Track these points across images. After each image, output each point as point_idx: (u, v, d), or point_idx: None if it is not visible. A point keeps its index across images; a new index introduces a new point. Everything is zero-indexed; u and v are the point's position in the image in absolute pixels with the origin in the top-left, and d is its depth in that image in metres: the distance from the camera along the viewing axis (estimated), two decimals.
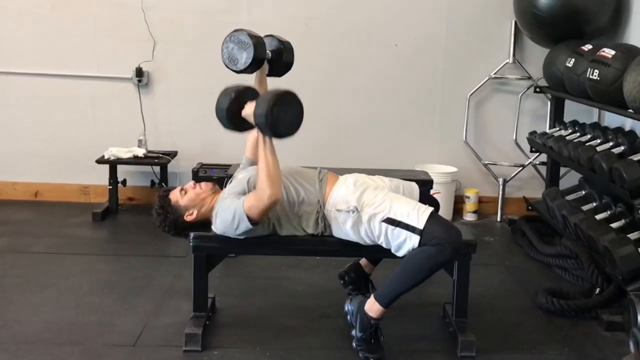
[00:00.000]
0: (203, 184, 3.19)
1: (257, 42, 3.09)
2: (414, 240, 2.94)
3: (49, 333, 3.21)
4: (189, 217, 3.13)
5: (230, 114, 2.96)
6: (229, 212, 2.99)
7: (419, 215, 2.95)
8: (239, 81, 3.11)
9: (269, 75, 3.31)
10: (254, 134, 3.11)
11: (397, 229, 2.97)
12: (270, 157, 2.91)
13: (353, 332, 3.06)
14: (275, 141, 2.97)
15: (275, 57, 3.27)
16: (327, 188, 3.12)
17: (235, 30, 3.12)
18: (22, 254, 4.30)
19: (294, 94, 2.90)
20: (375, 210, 3.01)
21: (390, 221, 2.98)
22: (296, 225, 3.10)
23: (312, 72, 5.18)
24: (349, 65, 5.36)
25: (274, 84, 3.23)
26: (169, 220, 3.14)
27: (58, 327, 3.27)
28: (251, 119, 2.90)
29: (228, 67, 3.16)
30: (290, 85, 3.02)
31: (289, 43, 3.33)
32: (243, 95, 2.98)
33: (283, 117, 2.85)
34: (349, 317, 3.11)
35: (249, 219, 2.94)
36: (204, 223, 3.13)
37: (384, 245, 3.03)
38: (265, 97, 2.86)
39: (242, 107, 2.96)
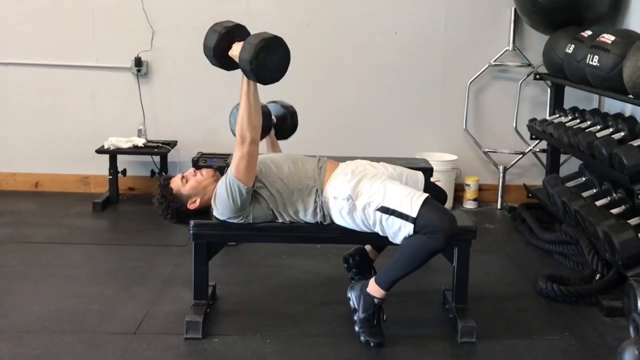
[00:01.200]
0: (204, 170, 3.19)
1: (264, 112, 3.12)
2: (408, 228, 2.94)
3: (50, 322, 3.22)
4: (192, 206, 3.13)
5: (218, 53, 2.93)
6: (222, 187, 3.00)
7: (412, 203, 2.94)
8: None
9: (276, 137, 3.45)
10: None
11: (391, 217, 2.97)
12: (253, 101, 2.90)
13: (355, 317, 3.07)
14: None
15: (280, 122, 3.34)
16: (325, 176, 3.12)
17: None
18: (22, 244, 4.31)
19: (281, 39, 2.86)
20: (369, 199, 3.01)
21: (384, 210, 2.98)
22: (293, 214, 3.10)
23: (312, 61, 5.18)
24: (349, 54, 5.34)
25: None
26: (171, 209, 3.14)
27: (59, 316, 3.28)
28: (237, 60, 2.87)
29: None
30: (290, 74, 3.02)
31: (292, 107, 3.44)
32: (232, 33, 2.93)
33: (269, 63, 2.82)
34: (351, 303, 3.12)
35: (240, 180, 2.94)
36: (207, 210, 3.13)
37: (380, 233, 3.04)
38: (251, 41, 2.81)
39: (230, 46, 2.92)
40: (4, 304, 3.42)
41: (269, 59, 2.81)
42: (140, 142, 5.17)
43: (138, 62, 5.28)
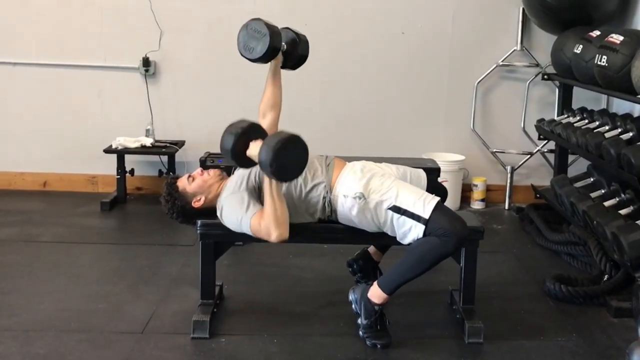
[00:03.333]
0: (211, 170, 3.21)
1: (274, 32, 3.07)
2: (419, 230, 2.94)
3: (58, 321, 3.23)
4: (197, 204, 3.15)
5: (235, 154, 2.94)
6: (235, 219, 3.01)
7: (424, 205, 2.95)
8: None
9: (282, 67, 3.28)
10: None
11: (403, 217, 2.97)
12: (277, 198, 2.90)
13: (359, 321, 3.07)
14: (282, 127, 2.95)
15: (291, 49, 3.26)
16: (334, 173, 3.12)
17: (252, 20, 3.10)
18: (30, 244, 4.32)
19: (298, 137, 2.87)
20: (381, 197, 3.00)
21: (396, 209, 2.98)
22: (303, 212, 3.10)
23: (319, 60, 5.12)
24: (356, 54, 5.34)
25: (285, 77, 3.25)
26: (176, 207, 3.16)
27: (66, 315, 3.29)
28: (256, 160, 2.88)
29: (243, 56, 3.13)
30: (297, 73, 3.02)
31: (304, 36, 3.31)
32: (248, 133, 2.95)
33: (288, 161, 2.83)
34: (353, 305, 3.13)
35: (253, 235, 2.99)
36: (212, 210, 3.13)
37: (389, 232, 3.04)
38: (269, 143, 2.82)
39: (247, 146, 2.93)
40: (12, 303, 3.43)
41: (288, 158, 2.82)
42: (148, 142, 5.18)
43: (146, 62, 5.29)
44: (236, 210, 3.01)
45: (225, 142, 2.95)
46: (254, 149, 2.89)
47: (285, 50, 3.22)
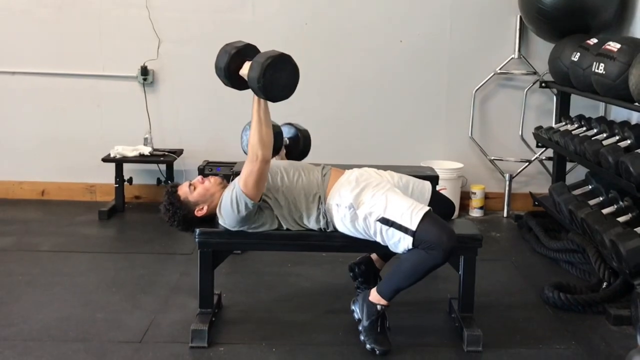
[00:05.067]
0: (212, 178, 3.21)
1: (275, 132, 3.12)
2: (407, 241, 2.94)
3: (56, 330, 3.22)
4: (200, 213, 3.15)
5: (229, 73, 2.93)
6: (228, 198, 3.01)
7: (412, 216, 2.94)
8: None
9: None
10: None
11: (391, 229, 2.97)
12: (264, 118, 2.91)
13: (360, 327, 3.07)
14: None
15: (293, 144, 3.32)
16: (329, 183, 3.13)
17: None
18: (29, 253, 4.31)
19: (289, 56, 2.87)
20: (370, 209, 3.00)
21: (385, 221, 2.98)
22: (297, 219, 3.10)
23: (318, 68, 5.18)
24: (355, 63, 5.35)
25: None
26: (178, 215, 3.15)
27: (65, 324, 3.28)
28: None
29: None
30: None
31: (306, 131, 3.41)
32: (243, 52, 2.93)
33: (276, 81, 2.82)
34: (355, 314, 3.13)
35: (247, 196, 2.95)
36: (213, 217, 3.14)
37: (381, 243, 3.04)
38: (259, 59, 2.82)
39: (242, 65, 2.92)
40: (10, 313, 3.42)
41: (276, 77, 2.82)
42: (147, 150, 5.18)
43: (144, 70, 5.30)
44: (227, 194, 3.02)
45: (219, 60, 2.95)
46: (247, 68, 2.88)
47: (288, 144, 3.29)
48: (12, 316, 3.37)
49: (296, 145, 3.41)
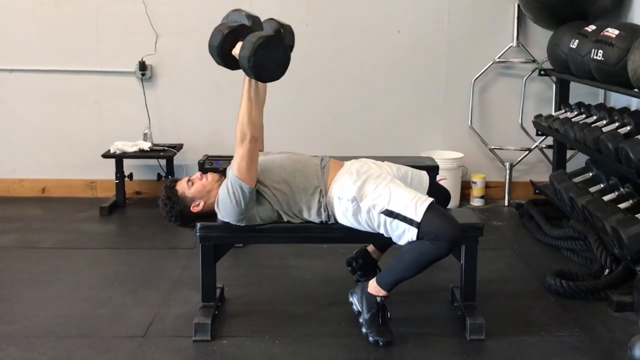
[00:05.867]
0: (210, 174, 3.21)
1: (254, 22, 3.03)
2: (412, 232, 2.94)
3: (59, 326, 3.22)
4: (195, 208, 3.15)
5: (222, 51, 2.92)
6: (224, 189, 3.00)
7: (416, 207, 2.94)
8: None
9: None
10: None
11: (396, 220, 2.97)
12: (254, 99, 2.90)
13: (361, 319, 3.08)
14: (279, 128, 2.95)
15: None
16: (329, 176, 3.12)
17: (233, 11, 3.07)
18: (30, 250, 4.32)
19: (280, 37, 2.86)
20: (374, 202, 3.00)
21: (389, 213, 2.98)
22: (298, 213, 3.10)
23: (315, 60, 5.17)
24: (352, 53, 5.34)
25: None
26: (175, 211, 3.16)
27: (67, 320, 3.29)
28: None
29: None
30: (293, 73, 3.01)
31: (289, 26, 3.29)
32: (236, 32, 2.92)
33: (267, 61, 2.81)
34: (354, 306, 3.13)
35: (242, 180, 2.94)
36: (210, 214, 3.13)
37: (384, 234, 3.04)
38: (250, 39, 2.81)
39: (235, 45, 2.91)
40: (13, 310, 3.42)
41: (267, 57, 2.80)
42: (146, 145, 5.18)
43: (142, 66, 5.29)
44: (222, 186, 3.02)
45: (213, 38, 2.93)
46: (239, 47, 2.87)
47: None
48: (15, 313, 3.38)
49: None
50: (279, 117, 3.36)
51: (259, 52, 2.76)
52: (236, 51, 2.89)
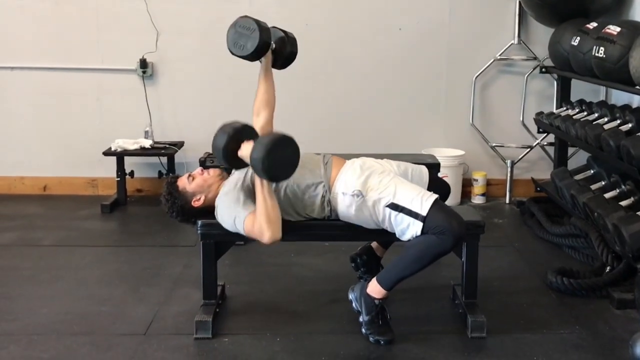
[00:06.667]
0: (211, 170, 3.22)
1: (262, 28, 3.08)
2: (417, 227, 2.93)
3: (60, 324, 3.23)
4: (196, 203, 3.15)
5: (227, 153, 2.95)
6: (229, 218, 3.01)
7: (422, 202, 2.94)
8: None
9: (272, 66, 3.27)
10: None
11: (401, 214, 2.96)
12: (268, 198, 2.90)
13: (360, 319, 3.07)
14: (280, 127, 2.95)
15: (279, 47, 3.25)
16: (332, 172, 3.12)
17: (241, 17, 3.11)
18: (32, 248, 4.32)
19: (290, 138, 2.88)
20: (379, 195, 3.00)
21: (394, 206, 2.98)
22: (300, 210, 3.10)
23: (316, 58, 5.16)
24: (353, 51, 5.34)
25: (283, 74, 3.25)
26: (176, 206, 3.17)
27: (69, 318, 3.29)
28: (247, 160, 2.90)
29: (233, 54, 3.14)
30: (295, 71, 3.01)
31: (292, 34, 3.31)
32: (240, 133, 2.97)
33: (279, 161, 2.84)
34: (354, 304, 3.13)
35: (247, 235, 2.98)
36: (211, 209, 3.13)
37: (388, 229, 3.04)
38: (262, 141, 2.84)
39: (239, 146, 2.94)
40: (15, 307, 3.43)
41: (279, 159, 2.84)
42: (147, 143, 5.18)
43: (143, 63, 5.29)
44: (230, 209, 3.01)
45: (217, 141, 2.96)
46: (246, 149, 2.90)
47: (274, 48, 3.22)
48: (17, 311, 3.38)
49: (283, 48, 3.27)
50: (279, 115, 3.35)
51: (272, 153, 2.79)
52: (242, 153, 2.92)
